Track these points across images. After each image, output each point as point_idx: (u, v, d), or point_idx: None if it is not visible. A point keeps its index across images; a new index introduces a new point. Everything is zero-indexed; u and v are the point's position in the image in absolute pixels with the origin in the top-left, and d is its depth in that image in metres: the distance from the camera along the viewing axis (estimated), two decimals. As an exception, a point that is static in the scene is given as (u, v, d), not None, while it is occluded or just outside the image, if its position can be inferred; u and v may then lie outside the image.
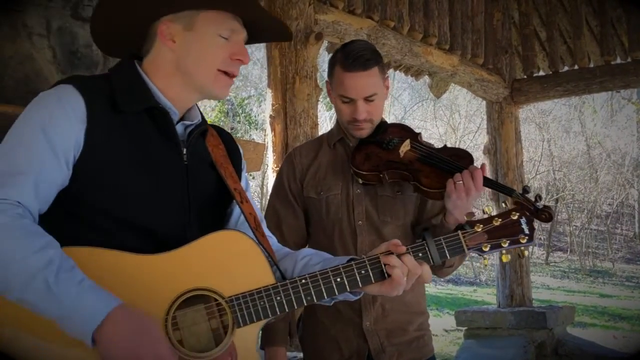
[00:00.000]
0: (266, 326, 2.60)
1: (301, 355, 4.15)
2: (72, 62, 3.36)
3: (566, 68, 7.21)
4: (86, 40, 3.58)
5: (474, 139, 23.31)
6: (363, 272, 1.79)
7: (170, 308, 1.65)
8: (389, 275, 1.78)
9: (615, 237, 27.68)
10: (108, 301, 1.54)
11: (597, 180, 26.79)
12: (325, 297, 1.77)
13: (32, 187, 1.60)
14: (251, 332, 1.73)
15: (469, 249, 1.86)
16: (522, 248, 1.90)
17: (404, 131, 2.61)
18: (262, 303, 1.71)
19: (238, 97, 20.45)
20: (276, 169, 4.33)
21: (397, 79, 21.20)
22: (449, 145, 2.74)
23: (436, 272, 2.59)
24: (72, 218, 1.67)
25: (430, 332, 2.73)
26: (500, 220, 1.88)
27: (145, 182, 1.72)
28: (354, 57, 2.47)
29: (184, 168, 1.81)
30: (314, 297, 1.76)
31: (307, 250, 1.99)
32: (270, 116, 4.52)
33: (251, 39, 1.92)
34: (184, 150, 1.82)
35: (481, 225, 1.86)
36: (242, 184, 2.02)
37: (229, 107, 19.09)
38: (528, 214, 1.93)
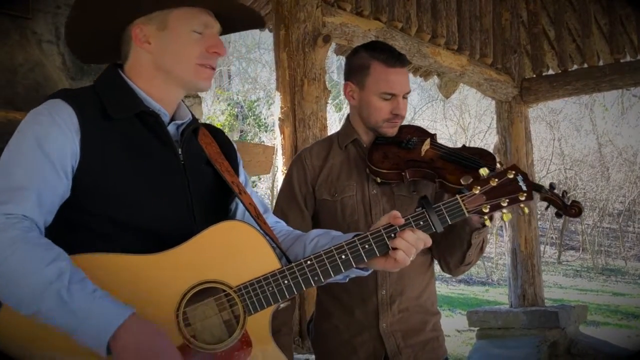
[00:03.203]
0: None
1: (312, 357, 4.15)
2: (82, 68, 3.38)
3: (575, 67, 7.18)
4: (95, 46, 3.60)
5: (484, 139, 23.24)
6: (367, 246, 1.79)
7: (180, 304, 1.66)
8: (394, 248, 1.79)
9: (627, 235, 27.52)
10: (122, 310, 1.55)
11: (608, 178, 26.66)
12: (332, 276, 1.78)
13: (35, 200, 1.61)
14: (263, 319, 1.74)
15: (469, 212, 1.86)
16: (522, 205, 1.90)
17: (418, 131, 2.62)
18: (270, 289, 1.73)
19: (247, 100, 20.48)
20: (286, 171, 4.34)
21: (406, 80, 21.14)
22: (459, 145, 2.74)
23: (453, 271, 2.60)
24: (77, 227, 1.69)
25: (443, 332, 2.73)
26: (497, 180, 1.87)
27: (145, 185, 1.74)
28: (395, 54, 2.53)
29: (181, 167, 1.83)
30: (321, 277, 1.77)
31: (315, 232, 1.99)
32: (279, 119, 4.53)
33: (226, 30, 1.94)
34: (179, 150, 1.84)
35: (479, 187, 1.86)
36: (241, 178, 2.04)
37: (239, 110, 19.13)
38: (523, 172, 1.93)
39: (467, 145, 2.66)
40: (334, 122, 19.85)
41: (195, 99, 4.13)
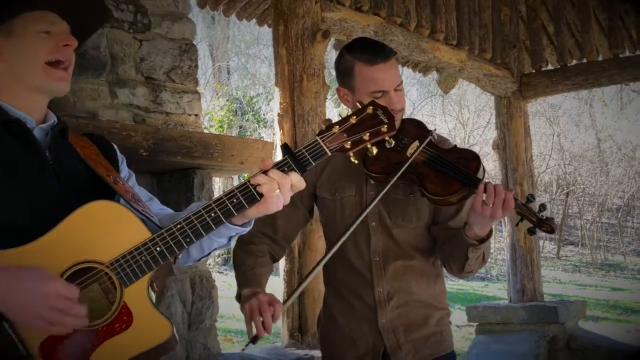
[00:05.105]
0: (242, 274, 2.50)
1: (312, 353, 4.18)
2: (81, 63, 3.38)
3: (574, 62, 7.18)
4: (94, 42, 3.60)
5: (483, 134, 23.23)
6: (235, 200, 1.79)
7: None
8: (262, 195, 1.79)
9: (626, 230, 27.56)
10: None
11: (607, 173, 26.68)
12: (204, 234, 1.79)
13: None
14: (141, 288, 1.77)
15: (331, 151, 1.83)
16: (387, 138, 1.88)
17: (416, 129, 2.56)
18: (143, 258, 1.75)
19: (247, 96, 20.46)
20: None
21: (405, 75, 21.10)
22: (458, 141, 2.71)
23: (456, 275, 2.60)
24: None
25: (450, 328, 2.71)
26: (355, 117, 1.85)
27: (12, 191, 1.76)
28: (376, 50, 2.47)
29: (50, 168, 1.85)
30: (193, 238, 1.78)
31: (197, 204, 1.99)
32: (279, 115, 4.53)
33: (83, 34, 1.97)
34: (47, 153, 1.86)
35: (337, 126, 1.85)
36: (123, 174, 2.08)
37: (238, 105, 19.11)
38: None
39: (465, 140, 2.62)
40: (333, 118, 19.71)
41: (194, 95, 4.14)
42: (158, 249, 1.76)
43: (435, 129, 2.59)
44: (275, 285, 4.77)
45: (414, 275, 2.58)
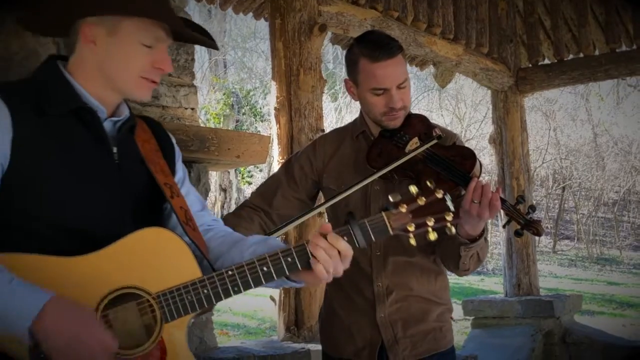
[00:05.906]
0: None
1: (308, 346, 4.19)
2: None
3: (571, 56, 7.16)
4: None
5: (479, 129, 23.24)
6: (289, 259, 1.78)
7: (97, 308, 1.66)
8: (313, 256, 1.77)
9: (622, 225, 27.59)
10: (41, 295, 1.55)
11: (604, 168, 26.72)
12: (253, 287, 1.78)
13: None
14: (180, 326, 1.75)
15: (393, 230, 1.83)
16: (449, 225, 1.85)
17: (420, 125, 2.56)
18: (189, 297, 1.73)
19: (243, 90, 20.44)
20: (282, 160, 4.33)
21: (402, 69, 21.13)
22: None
23: (454, 272, 2.60)
24: (6, 226, 1.68)
25: (451, 324, 2.71)
26: (424, 199, 1.83)
27: (76, 185, 1.73)
28: (380, 47, 2.46)
29: (115, 167, 1.82)
30: (241, 288, 1.76)
31: (253, 239, 1.96)
32: (275, 108, 4.52)
33: (179, 38, 1.94)
34: (114, 149, 1.83)
35: (405, 205, 1.83)
36: (179, 175, 2.04)
37: (234, 99, 19.08)
38: (451, 190, 1.89)
39: (462, 134, 2.62)
40: (330, 112, 19.85)
41: (190, 88, 4.13)
42: (205, 291, 1.74)
43: (436, 127, 2.58)
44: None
45: (414, 271, 2.59)
